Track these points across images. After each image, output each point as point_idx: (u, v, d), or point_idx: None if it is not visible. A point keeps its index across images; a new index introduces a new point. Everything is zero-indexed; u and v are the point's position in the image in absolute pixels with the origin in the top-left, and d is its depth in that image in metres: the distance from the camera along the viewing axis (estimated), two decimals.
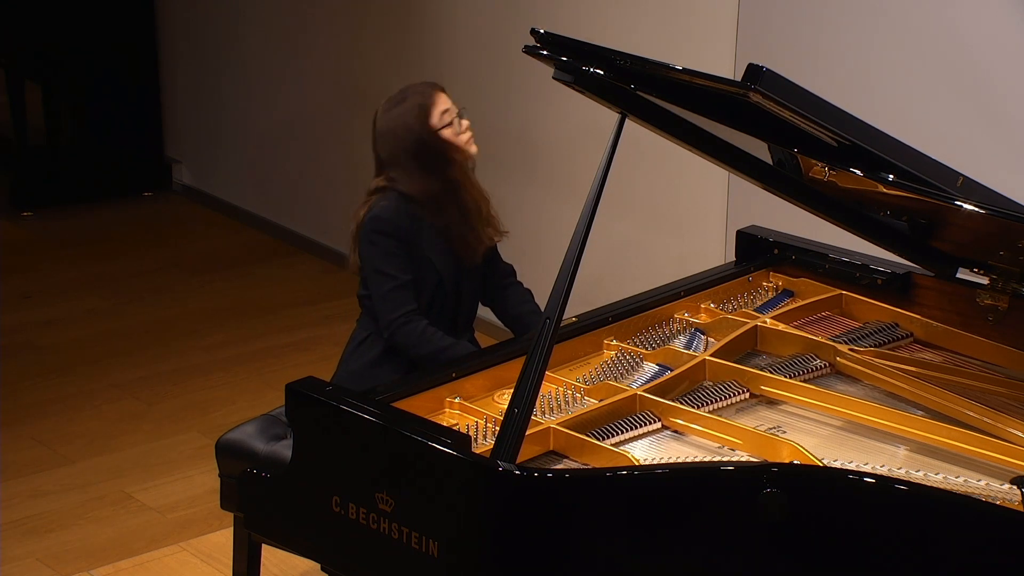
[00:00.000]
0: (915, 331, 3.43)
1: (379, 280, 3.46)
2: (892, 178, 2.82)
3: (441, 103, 3.52)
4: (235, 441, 3.49)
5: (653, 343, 3.41)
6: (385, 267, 3.45)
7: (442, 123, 3.50)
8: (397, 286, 3.44)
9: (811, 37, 4.37)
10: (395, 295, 3.44)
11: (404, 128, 3.51)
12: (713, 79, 2.75)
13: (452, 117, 3.52)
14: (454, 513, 2.71)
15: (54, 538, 4.30)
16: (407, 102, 3.52)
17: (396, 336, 3.44)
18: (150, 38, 7.29)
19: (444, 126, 3.50)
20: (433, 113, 3.50)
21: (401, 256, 3.45)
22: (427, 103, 3.50)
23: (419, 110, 3.50)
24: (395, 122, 3.52)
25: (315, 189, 6.55)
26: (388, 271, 3.45)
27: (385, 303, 3.45)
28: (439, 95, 3.53)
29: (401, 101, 3.54)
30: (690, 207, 4.90)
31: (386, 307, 3.45)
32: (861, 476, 2.66)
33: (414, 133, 3.49)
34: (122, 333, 5.73)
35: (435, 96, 3.52)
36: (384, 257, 3.45)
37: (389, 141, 3.53)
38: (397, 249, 3.45)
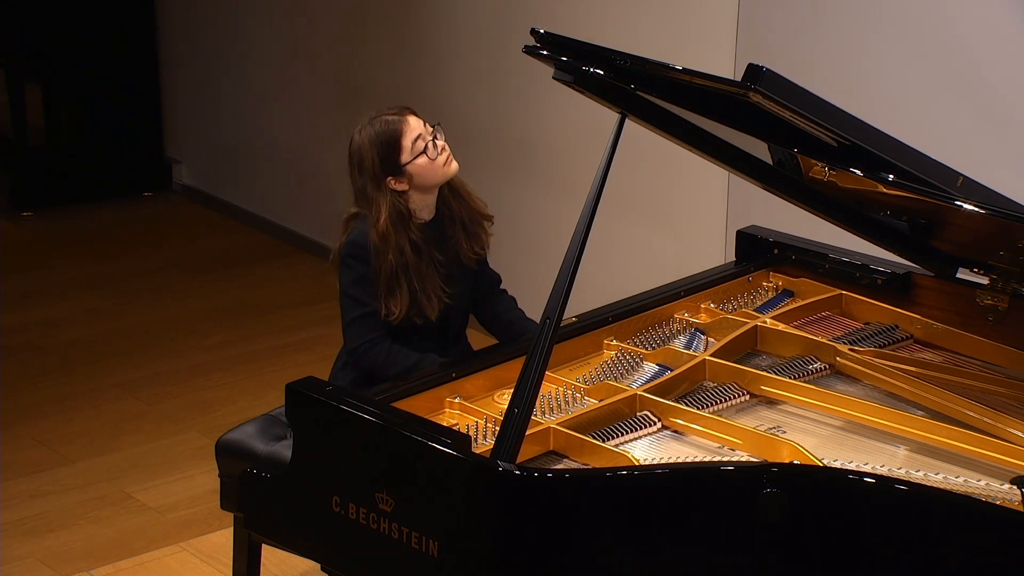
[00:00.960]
0: (915, 331, 3.43)
1: (348, 305, 3.43)
2: (892, 178, 2.82)
3: (410, 132, 3.39)
4: (235, 441, 3.49)
5: (653, 343, 3.41)
6: (356, 293, 3.42)
7: (415, 153, 3.38)
8: (364, 314, 3.41)
9: (811, 37, 4.37)
10: (361, 322, 3.41)
11: (361, 158, 3.41)
12: (713, 79, 2.75)
13: (425, 141, 3.40)
14: (454, 513, 2.71)
15: (54, 538, 4.30)
16: (373, 129, 3.40)
17: (362, 362, 3.42)
18: (150, 38, 7.29)
19: (416, 156, 3.38)
20: (403, 145, 3.38)
21: (373, 284, 3.42)
22: (392, 132, 3.38)
23: (384, 142, 3.38)
24: (360, 154, 3.41)
25: (315, 189, 6.55)
26: (358, 297, 3.41)
27: (351, 329, 3.43)
28: (408, 122, 3.40)
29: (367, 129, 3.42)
30: (690, 207, 4.90)
31: (352, 334, 3.43)
32: (861, 476, 2.66)
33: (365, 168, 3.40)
34: (122, 333, 5.73)
35: (403, 125, 3.39)
36: (356, 283, 3.42)
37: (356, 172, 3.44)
38: (370, 275, 3.42)
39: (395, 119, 3.42)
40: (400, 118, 3.42)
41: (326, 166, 6.45)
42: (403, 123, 3.41)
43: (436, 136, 3.43)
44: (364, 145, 3.41)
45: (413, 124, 3.41)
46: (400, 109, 3.46)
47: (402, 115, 3.43)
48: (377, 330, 3.40)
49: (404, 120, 3.41)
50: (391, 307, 3.39)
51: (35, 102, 7.26)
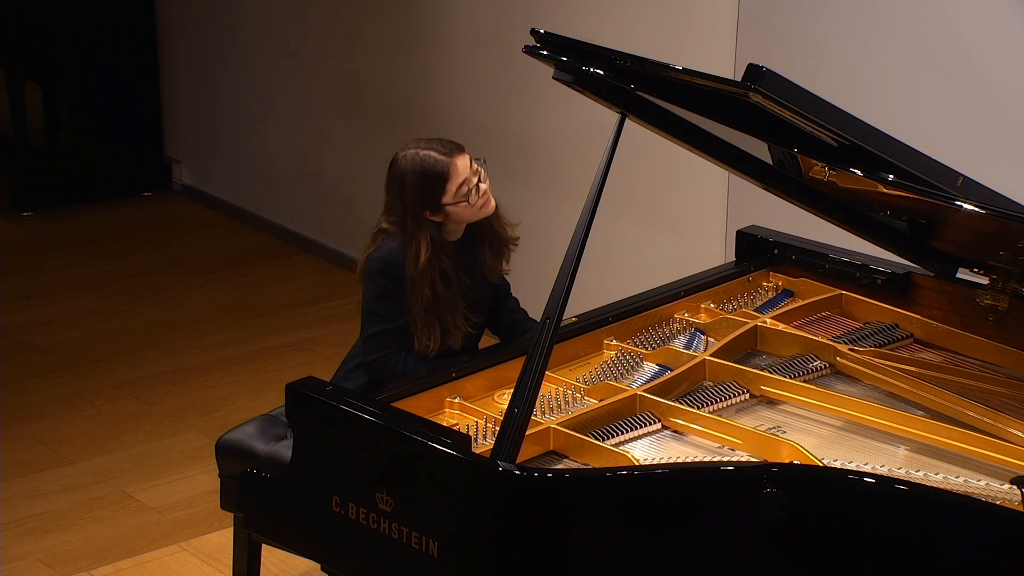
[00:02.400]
0: (915, 331, 3.43)
1: (371, 320, 3.44)
2: (892, 178, 2.82)
3: (456, 176, 3.35)
4: (235, 441, 3.49)
5: (653, 343, 3.41)
6: (380, 309, 3.42)
7: (458, 199, 3.37)
8: (386, 330, 3.42)
9: (811, 37, 4.37)
10: (381, 338, 3.42)
11: (402, 185, 3.38)
12: (713, 79, 2.75)
13: (470, 186, 3.37)
14: (454, 513, 2.71)
15: (54, 538, 4.30)
16: (420, 161, 3.36)
17: (376, 375, 3.43)
18: (150, 38, 7.28)
19: (459, 201, 3.37)
20: (448, 189, 3.35)
21: (398, 300, 3.42)
22: (441, 171, 3.34)
23: (429, 179, 3.34)
24: (400, 172, 3.38)
25: (315, 189, 6.55)
26: (382, 313, 3.42)
27: (370, 343, 3.43)
28: (455, 165, 3.35)
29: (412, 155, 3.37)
30: (690, 207, 4.90)
31: (370, 347, 3.44)
32: (861, 476, 2.66)
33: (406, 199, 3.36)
34: (122, 333, 5.73)
35: (451, 168, 3.35)
36: (380, 299, 3.42)
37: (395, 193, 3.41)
38: (396, 292, 3.41)
39: (444, 160, 3.36)
40: (449, 160, 3.36)
41: (326, 166, 6.45)
42: (451, 166, 3.36)
43: (480, 179, 3.41)
44: (408, 174, 3.37)
45: (461, 168, 3.37)
46: (451, 148, 3.39)
47: (451, 156, 3.37)
48: (395, 346, 3.42)
49: (452, 164, 3.36)
50: (425, 341, 3.40)
51: (35, 102, 7.26)
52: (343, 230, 6.35)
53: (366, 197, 6.18)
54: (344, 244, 6.34)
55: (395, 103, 6.00)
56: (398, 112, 5.98)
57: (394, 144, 5.35)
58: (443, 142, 3.41)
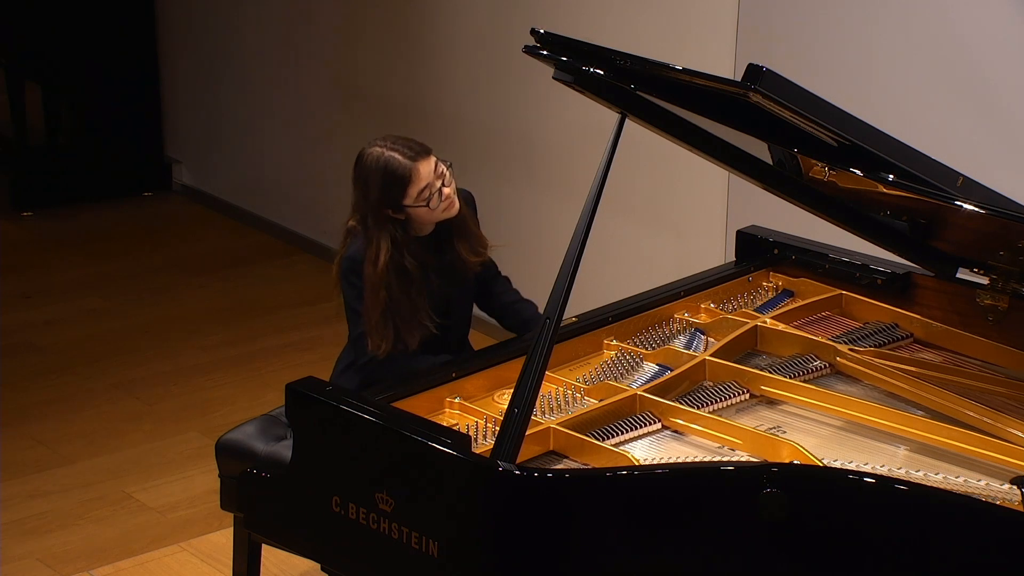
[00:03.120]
0: (915, 331, 3.43)
1: (354, 320, 3.44)
2: (892, 178, 2.82)
3: (419, 180, 3.32)
4: (235, 441, 3.49)
5: (653, 343, 3.41)
6: (359, 307, 3.42)
7: (418, 202, 3.34)
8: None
9: (811, 37, 4.37)
10: (367, 339, 3.42)
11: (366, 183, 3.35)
12: (713, 79, 2.75)
13: (432, 191, 3.34)
14: (454, 513, 2.71)
15: (54, 538, 4.30)
16: (384, 162, 3.33)
17: (370, 377, 3.42)
18: (150, 38, 7.28)
19: (418, 205, 3.35)
20: (410, 192, 3.33)
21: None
22: (403, 173, 3.31)
23: (388, 178, 3.31)
24: (363, 170, 3.36)
25: (315, 189, 6.55)
26: (362, 312, 3.42)
27: (358, 344, 3.43)
28: (418, 170, 3.32)
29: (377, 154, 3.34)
30: (690, 207, 4.90)
31: (359, 349, 3.43)
32: (861, 476, 2.66)
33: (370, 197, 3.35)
34: (122, 333, 5.73)
35: (413, 173, 3.31)
36: (358, 298, 3.41)
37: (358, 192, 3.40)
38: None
39: (407, 164, 3.32)
40: (412, 165, 3.32)
41: (326, 166, 6.45)
42: (414, 171, 3.32)
43: (444, 183, 3.37)
44: (371, 173, 3.35)
45: (423, 173, 3.33)
46: (416, 151, 3.35)
47: (415, 160, 3.33)
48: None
49: (415, 168, 3.32)
50: (377, 341, 3.37)
51: (35, 102, 7.26)
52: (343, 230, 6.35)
53: None
54: None
55: (395, 103, 6.00)
56: (398, 112, 5.98)
57: None
58: (410, 144, 3.37)
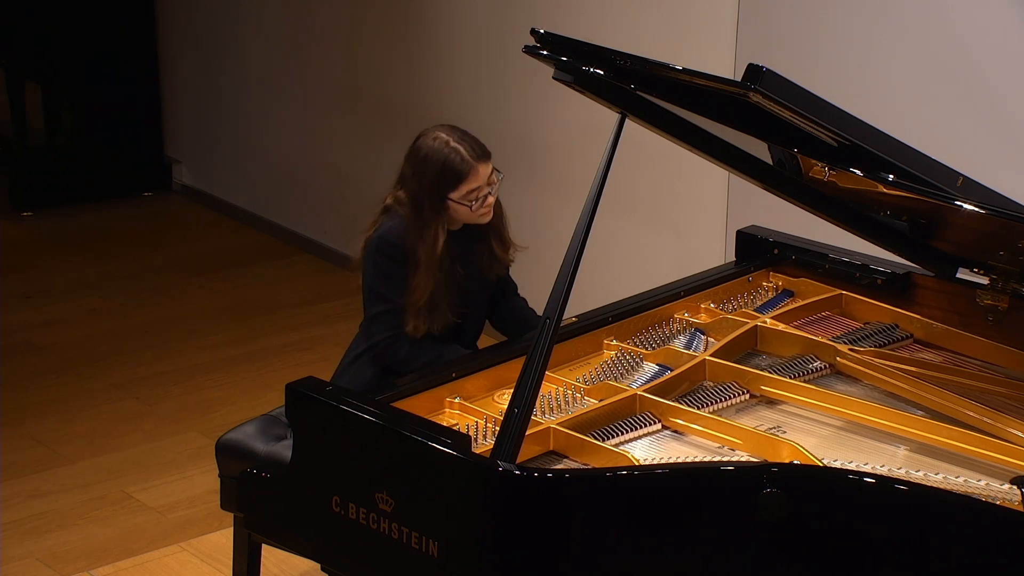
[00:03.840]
0: (915, 331, 3.43)
1: (374, 300, 3.45)
2: (892, 178, 2.82)
3: (474, 180, 3.38)
4: (235, 441, 3.49)
5: (653, 343, 3.41)
6: (382, 289, 3.43)
7: (464, 201, 3.39)
8: (390, 309, 3.42)
9: (811, 37, 4.37)
10: (386, 318, 3.42)
11: (420, 175, 3.39)
12: (713, 79, 2.75)
13: (480, 195, 3.40)
14: (454, 513, 2.71)
15: (54, 538, 4.30)
16: (441, 155, 3.38)
17: (384, 356, 3.43)
18: (150, 38, 7.29)
19: (461, 203, 3.40)
20: (461, 186, 3.38)
21: (399, 279, 3.42)
22: (459, 176, 3.37)
23: (443, 177, 3.37)
24: (421, 163, 3.40)
25: (315, 189, 6.55)
26: (384, 293, 3.43)
27: (375, 324, 3.44)
28: (473, 174, 3.38)
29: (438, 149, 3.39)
30: (690, 207, 4.90)
31: (376, 328, 3.44)
32: (861, 476, 2.66)
33: (423, 189, 3.39)
34: (122, 333, 5.73)
35: (468, 174, 3.38)
36: (383, 279, 3.43)
37: (407, 168, 3.44)
38: (398, 272, 3.42)
39: (470, 161, 3.38)
40: (474, 164, 3.38)
41: (326, 166, 6.46)
42: (473, 171, 3.38)
43: (492, 191, 3.43)
44: (432, 160, 3.39)
45: (481, 175, 3.39)
46: (480, 152, 3.41)
47: (478, 161, 3.39)
48: (399, 326, 3.42)
49: (475, 169, 3.38)
50: (417, 324, 3.40)
51: (35, 102, 7.26)
52: (343, 230, 6.35)
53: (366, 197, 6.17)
54: (344, 244, 6.33)
55: (395, 103, 6.00)
56: (398, 112, 5.98)
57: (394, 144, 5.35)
58: (475, 143, 3.43)
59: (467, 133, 3.46)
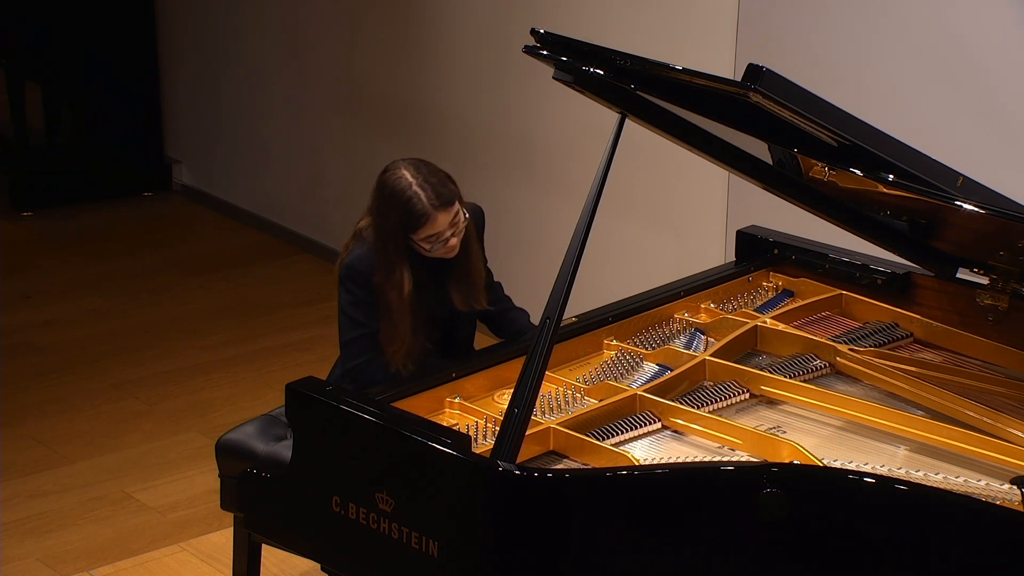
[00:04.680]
0: (915, 331, 3.43)
1: (346, 325, 3.43)
2: (892, 178, 2.82)
3: (431, 228, 3.32)
4: (235, 441, 3.49)
5: (653, 343, 3.41)
6: (354, 313, 3.41)
7: (421, 243, 3.35)
8: (362, 334, 3.41)
9: (811, 37, 4.37)
10: (361, 342, 3.41)
11: (385, 213, 3.35)
12: (713, 79, 2.75)
13: (439, 239, 3.34)
14: (454, 513, 2.71)
15: (54, 538, 4.30)
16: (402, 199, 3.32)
17: (361, 380, 3.41)
18: (150, 38, 7.28)
19: (420, 245, 3.35)
20: (419, 231, 3.33)
21: (371, 305, 3.40)
22: (418, 218, 3.31)
23: (406, 216, 3.31)
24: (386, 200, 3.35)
25: (315, 189, 6.55)
26: (357, 317, 3.41)
27: (348, 349, 3.43)
28: (435, 219, 3.31)
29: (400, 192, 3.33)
30: (690, 207, 4.90)
31: (348, 354, 3.43)
32: (861, 476, 2.66)
33: (388, 226, 3.35)
34: (122, 333, 5.73)
35: (429, 221, 3.31)
36: (355, 305, 3.41)
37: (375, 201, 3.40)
38: (367, 297, 3.40)
39: (428, 211, 3.30)
40: (433, 213, 3.31)
41: (326, 166, 6.45)
42: (431, 219, 3.31)
43: (455, 232, 3.36)
44: (394, 199, 3.33)
45: (440, 223, 3.31)
46: (443, 199, 3.32)
47: (437, 210, 3.31)
48: (374, 349, 3.40)
49: (434, 217, 3.31)
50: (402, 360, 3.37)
51: (35, 102, 7.26)
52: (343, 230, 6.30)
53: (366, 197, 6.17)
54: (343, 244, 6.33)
55: (395, 103, 6.00)
56: (398, 112, 5.98)
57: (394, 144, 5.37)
58: (439, 188, 3.34)
59: (433, 172, 3.37)
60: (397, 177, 3.36)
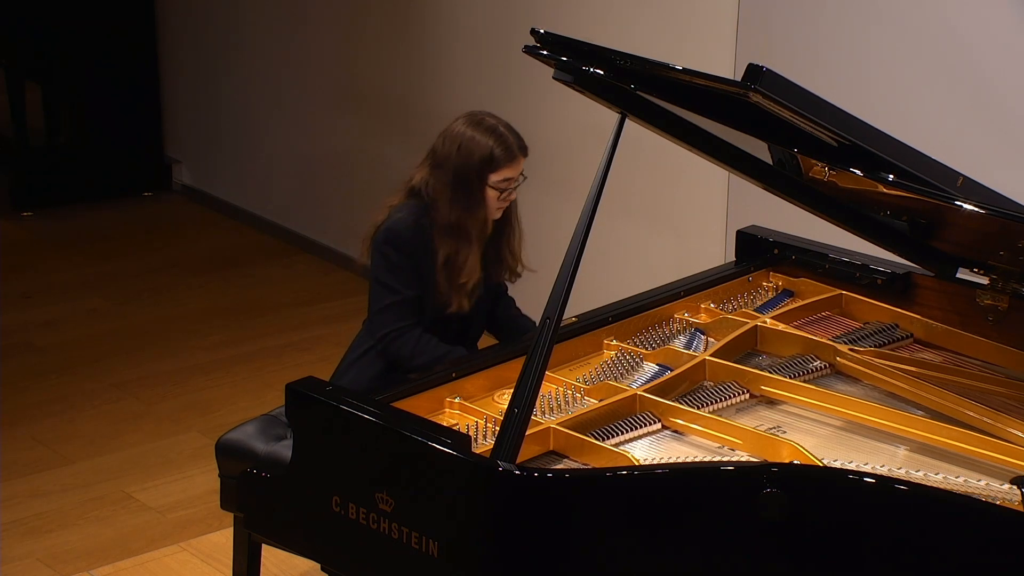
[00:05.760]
0: (915, 331, 3.43)
1: (381, 292, 3.45)
2: (892, 178, 2.82)
3: (509, 171, 3.45)
4: (235, 441, 3.49)
5: (653, 343, 3.41)
6: (389, 280, 3.43)
7: (495, 185, 3.44)
8: (397, 301, 3.42)
9: (811, 37, 4.37)
10: (394, 309, 3.43)
11: (467, 153, 3.43)
12: (713, 79, 2.75)
13: (507, 187, 3.46)
14: (454, 513, 2.71)
15: (54, 538, 4.30)
16: (491, 138, 3.44)
17: (391, 348, 3.43)
18: (150, 38, 7.29)
19: (492, 187, 3.45)
20: (498, 172, 3.44)
21: (408, 271, 3.42)
22: (501, 160, 3.43)
23: (490, 159, 3.42)
24: (468, 141, 3.44)
25: (315, 189, 6.55)
26: (392, 284, 3.43)
27: (382, 316, 3.44)
28: (515, 163, 3.46)
29: (489, 131, 3.46)
30: (690, 207, 4.90)
31: (383, 320, 3.44)
32: (861, 476, 2.66)
33: (469, 167, 3.43)
34: (122, 333, 5.73)
35: (511, 161, 3.45)
36: (390, 271, 3.43)
37: (449, 148, 3.46)
38: (405, 263, 3.42)
39: (514, 151, 3.45)
40: (517, 155, 3.46)
41: (326, 166, 6.45)
42: (515, 160, 3.46)
43: (515, 188, 3.49)
44: (483, 138, 3.44)
45: (517, 167, 3.47)
46: (522, 146, 3.49)
47: (520, 153, 3.47)
48: (408, 318, 3.42)
49: (517, 159, 3.46)
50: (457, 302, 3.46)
51: (35, 102, 7.26)
52: (343, 230, 6.35)
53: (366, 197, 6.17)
54: (344, 244, 6.34)
55: (395, 103, 6.00)
56: (398, 112, 5.98)
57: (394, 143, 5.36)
58: (520, 138, 3.50)
59: (511, 126, 3.52)
60: (480, 119, 3.48)
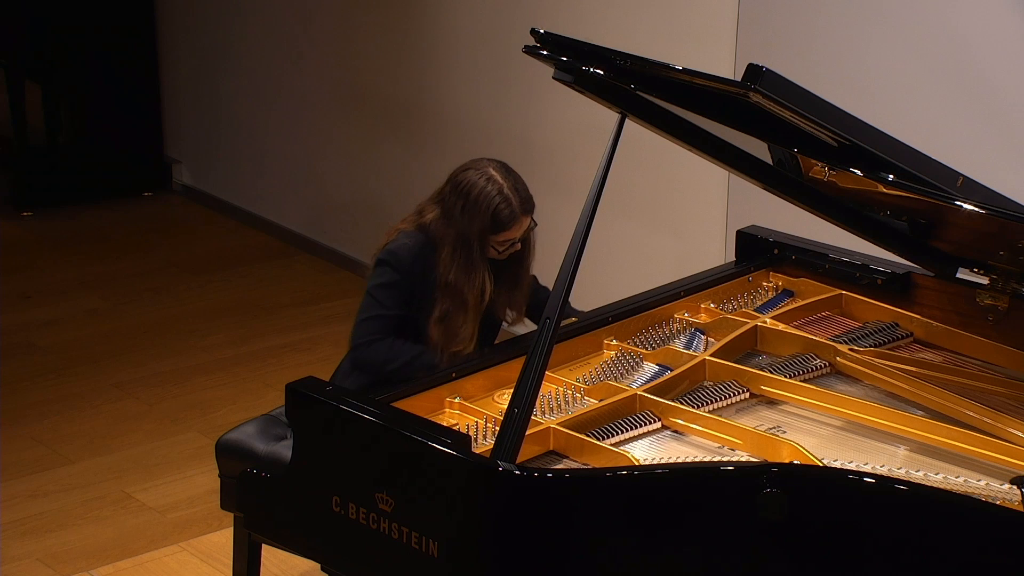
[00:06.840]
0: (915, 331, 3.43)
1: (370, 303, 3.45)
2: (892, 178, 2.82)
3: (509, 234, 3.41)
4: (235, 441, 3.49)
5: (653, 343, 3.41)
6: (379, 295, 3.43)
7: (496, 246, 3.43)
8: (381, 315, 3.42)
9: (811, 37, 4.37)
10: (376, 322, 3.42)
11: (469, 217, 3.39)
12: (713, 79, 2.75)
13: (510, 245, 3.44)
14: (454, 513, 2.71)
15: (54, 538, 4.30)
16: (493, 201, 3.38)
17: (363, 357, 3.42)
18: (150, 38, 7.29)
19: (494, 249, 3.43)
20: (501, 234, 3.41)
21: (398, 292, 3.42)
22: (502, 225, 3.39)
23: (491, 225, 3.39)
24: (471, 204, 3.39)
25: (314, 189, 6.55)
26: (381, 299, 3.43)
27: (361, 327, 3.44)
28: (516, 225, 3.41)
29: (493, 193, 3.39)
30: (690, 207, 4.90)
31: (360, 330, 3.44)
32: (861, 476, 2.66)
33: (470, 232, 3.40)
34: (122, 333, 5.73)
35: (512, 224, 3.40)
36: (382, 287, 3.43)
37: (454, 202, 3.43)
38: (398, 284, 3.42)
39: (516, 214, 3.40)
40: (519, 218, 3.41)
41: (326, 166, 6.45)
42: (516, 223, 3.42)
43: (523, 238, 3.47)
44: (484, 202, 3.39)
45: (521, 226, 3.43)
46: (526, 205, 3.43)
47: (523, 215, 3.42)
48: (384, 332, 3.41)
49: (519, 221, 3.42)
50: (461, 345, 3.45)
51: (35, 102, 7.26)
52: (343, 230, 6.35)
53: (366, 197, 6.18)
54: (344, 244, 6.34)
55: (395, 103, 6.00)
56: (398, 112, 5.98)
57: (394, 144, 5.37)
58: (526, 193, 3.44)
59: (519, 178, 3.46)
60: (487, 179, 3.42)
